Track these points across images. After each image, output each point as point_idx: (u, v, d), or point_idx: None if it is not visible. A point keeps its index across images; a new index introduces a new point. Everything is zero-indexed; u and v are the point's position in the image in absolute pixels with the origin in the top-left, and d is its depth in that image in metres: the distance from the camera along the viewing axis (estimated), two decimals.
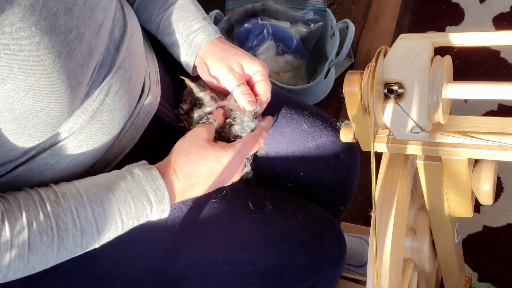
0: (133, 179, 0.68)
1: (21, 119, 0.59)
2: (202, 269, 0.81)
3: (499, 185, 1.45)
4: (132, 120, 0.76)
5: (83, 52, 0.63)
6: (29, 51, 0.56)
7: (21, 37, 0.55)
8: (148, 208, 0.68)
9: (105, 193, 0.66)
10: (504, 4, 1.76)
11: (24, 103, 0.58)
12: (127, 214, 0.67)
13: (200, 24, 0.84)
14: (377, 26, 1.79)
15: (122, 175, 0.68)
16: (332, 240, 0.87)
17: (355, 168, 1.01)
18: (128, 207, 0.67)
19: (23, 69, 0.56)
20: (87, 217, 0.64)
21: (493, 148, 0.61)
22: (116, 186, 0.67)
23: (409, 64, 0.59)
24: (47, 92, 0.59)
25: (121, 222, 0.67)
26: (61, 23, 0.59)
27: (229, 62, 0.82)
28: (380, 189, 0.67)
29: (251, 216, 0.82)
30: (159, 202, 0.69)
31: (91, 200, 0.65)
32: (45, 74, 0.58)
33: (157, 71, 0.85)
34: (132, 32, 0.75)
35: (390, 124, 0.62)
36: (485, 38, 0.59)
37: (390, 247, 0.63)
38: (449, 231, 0.84)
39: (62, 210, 0.63)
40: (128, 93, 0.73)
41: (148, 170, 0.69)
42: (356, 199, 1.47)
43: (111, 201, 0.66)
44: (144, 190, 0.68)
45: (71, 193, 0.65)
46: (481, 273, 1.34)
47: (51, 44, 0.57)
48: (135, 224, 0.69)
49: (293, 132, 0.91)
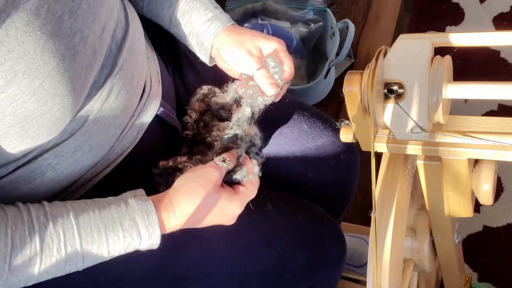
0: (127, 211, 0.66)
1: (25, 122, 0.59)
2: (202, 269, 0.81)
3: (499, 185, 1.45)
4: (133, 120, 0.76)
5: (87, 55, 0.62)
6: (34, 55, 0.56)
7: (26, 41, 0.55)
8: (137, 241, 0.67)
9: (96, 222, 0.64)
10: (504, 4, 1.76)
11: (28, 107, 0.58)
12: (115, 246, 0.65)
13: (213, 13, 0.83)
14: (377, 26, 1.79)
15: (116, 204, 0.66)
16: (332, 240, 0.87)
17: (355, 168, 1.01)
18: (117, 239, 0.65)
19: (27, 73, 0.56)
20: (73, 245, 0.63)
21: (493, 148, 0.61)
22: (109, 216, 0.65)
23: (409, 65, 0.59)
24: (51, 95, 0.59)
25: (107, 253, 0.66)
26: (65, 26, 0.59)
27: (246, 47, 0.80)
28: (380, 189, 0.67)
29: (251, 216, 0.82)
30: (149, 237, 0.67)
31: (80, 228, 0.63)
32: (49, 78, 0.58)
33: (158, 70, 0.85)
34: (134, 32, 0.75)
35: (390, 124, 0.62)
36: (485, 38, 0.59)
37: (390, 247, 0.63)
38: (449, 231, 0.84)
39: (50, 235, 0.61)
40: (130, 94, 0.73)
41: (144, 203, 0.67)
42: (356, 199, 1.47)
43: (101, 232, 0.64)
44: (136, 224, 0.66)
45: (62, 217, 0.63)
46: (481, 273, 1.34)
47: (55, 48, 0.57)
48: (121, 253, 0.67)
49: (293, 133, 0.91)
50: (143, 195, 0.69)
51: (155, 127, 0.81)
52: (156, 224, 0.66)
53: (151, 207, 0.67)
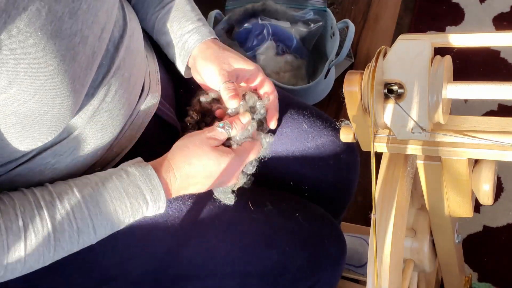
0: (129, 178, 0.68)
1: (26, 122, 0.59)
2: (202, 269, 0.81)
3: (499, 185, 1.45)
4: (132, 119, 0.76)
5: (86, 56, 0.63)
6: (35, 55, 0.56)
7: (27, 41, 0.55)
8: (144, 206, 0.68)
9: (101, 193, 0.66)
10: (504, 4, 1.76)
11: (29, 107, 0.58)
12: (123, 213, 0.67)
13: (194, 25, 0.84)
14: (377, 26, 1.79)
15: (117, 174, 0.68)
16: (332, 240, 0.87)
17: (355, 168, 1.01)
18: (124, 206, 0.67)
19: (29, 73, 0.56)
20: (83, 218, 0.64)
21: (493, 148, 0.61)
22: (112, 186, 0.67)
23: (409, 66, 0.59)
24: (52, 95, 0.59)
25: (118, 221, 0.67)
26: (66, 27, 0.59)
27: (220, 63, 0.81)
28: (380, 189, 0.67)
29: (251, 216, 0.82)
30: (155, 200, 0.69)
31: (87, 201, 0.65)
32: (50, 78, 0.58)
33: (157, 70, 0.85)
34: (132, 32, 0.75)
35: (391, 124, 0.62)
36: (485, 39, 0.59)
37: (390, 247, 0.63)
38: (449, 231, 0.84)
39: (58, 211, 0.63)
40: (128, 93, 0.73)
41: (143, 169, 0.69)
42: (356, 199, 1.47)
43: (107, 202, 0.66)
44: (140, 189, 0.68)
45: (67, 194, 0.65)
46: (481, 273, 1.34)
47: (56, 48, 0.58)
48: (131, 221, 0.69)
49: (293, 132, 0.91)
50: (142, 161, 0.71)
51: (155, 126, 0.81)
52: (159, 186, 0.69)
53: (152, 171, 0.69)
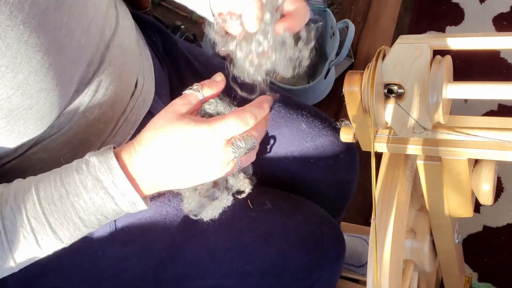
0: (88, 170, 0.59)
1: (10, 117, 0.58)
2: (202, 268, 0.81)
3: (499, 185, 1.45)
4: (126, 116, 0.76)
5: (73, 49, 0.62)
6: (17, 49, 0.55)
7: (8, 35, 0.54)
8: (110, 201, 0.59)
9: (57, 188, 0.59)
10: (504, 4, 1.76)
11: (13, 101, 0.57)
12: (84, 211, 0.59)
13: None
14: (377, 26, 1.79)
15: (78, 166, 0.60)
16: (331, 240, 0.87)
17: (354, 168, 1.01)
18: (83, 203, 0.59)
19: (10, 67, 0.55)
20: (37, 217, 0.58)
21: (493, 148, 0.61)
22: (70, 180, 0.59)
23: (408, 69, 0.59)
24: (36, 89, 0.58)
25: (80, 220, 0.59)
26: (50, 20, 0.58)
27: None
28: (380, 189, 0.67)
29: (250, 215, 0.82)
30: (122, 194, 0.59)
31: (40, 197, 0.58)
32: (33, 72, 0.57)
33: (151, 68, 0.85)
34: (123, 31, 0.75)
35: (391, 123, 0.62)
36: (483, 41, 0.58)
37: (390, 247, 0.63)
38: (449, 231, 0.84)
39: (10, 209, 0.58)
40: (120, 90, 0.73)
41: (105, 158, 0.59)
42: (356, 199, 1.47)
43: (63, 198, 0.58)
44: (100, 182, 0.59)
45: (23, 190, 0.59)
46: (481, 273, 1.34)
47: (40, 42, 0.57)
48: (103, 220, 0.61)
49: (292, 132, 0.91)
50: (108, 149, 0.60)
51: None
52: (123, 178, 0.58)
53: (113, 161, 0.59)
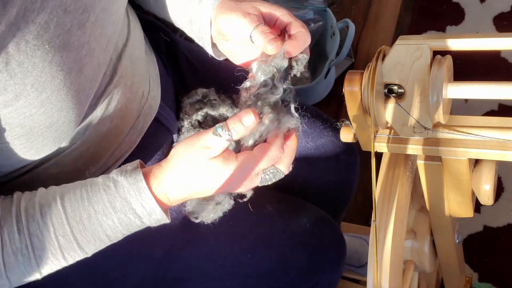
0: (117, 191, 0.61)
1: (31, 134, 0.59)
2: (202, 271, 0.80)
3: (500, 185, 1.44)
4: (132, 124, 0.75)
5: (92, 67, 0.62)
6: (42, 68, 0.56)
7: (35, 54, 0.55)
8: (137, 220, 0.61)
9: (85, 208, 0.60)
10: (504, 3, 1.76)
11: (35, 119, 0.58)
12: (112, 229, 0.61)
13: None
14: (377, 26, 1.79)
15: (105, 185, 0.61)
16: (332, 242, 0.87)
17: (355, 169, 1.00)
18: (111, 222, 0.61)
19: (35, 86, 0.56)
20: (65, 235, 0.60)
21: (493, 148, 0.61)
22: (98, 200, 0.60)
23: (408, 70, 0.59)
24: (57, 108, 0.59)
25: (107, 237, 0.62)
26: (73, 39, 0.58)
27: (243, 9, 0.67)
28: (380, 189, 0.67)
29: (250, 218, 0.82)
30: (149, 214, 0.61)
31: (68, 216, 0.60)
32: (56, 91, 0.58)
33: (157, 73, 0.85)
34: (134, 40, 0.75)
35: (392, 123, 0.62)
36: (483, 42, 0.58)
37: (390, 247, 0.63)
38: (450, 232, 0.84)
39: (38, 227, 0.59)
40: (130, 101, 0.72)
41: (134, 180, 0.61)
42: (356, 199, 1.47)
43: (91, 218, 0.60)
44: (129, 204, 0.60)
45: (49, 207, 0.60)
46: (481, 273, 1.34)
47: (63, 61, 0.57)
48: (126, 234, 0.63)
49: None
50: (137, 167, 0.62)
51: (154, 130, 0.80)
52: (151, 200, 0.60)
53: (143, 183, 0.60)
